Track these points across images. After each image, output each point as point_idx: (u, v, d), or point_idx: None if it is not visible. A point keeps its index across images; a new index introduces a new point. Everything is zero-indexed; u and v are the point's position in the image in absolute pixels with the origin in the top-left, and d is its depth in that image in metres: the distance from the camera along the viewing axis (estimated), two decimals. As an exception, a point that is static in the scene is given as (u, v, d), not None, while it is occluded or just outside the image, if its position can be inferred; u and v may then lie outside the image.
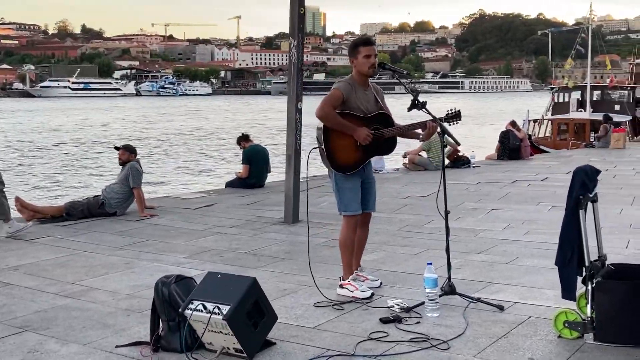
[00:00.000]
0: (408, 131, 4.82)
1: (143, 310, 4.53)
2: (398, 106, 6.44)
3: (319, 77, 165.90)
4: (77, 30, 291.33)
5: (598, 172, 4.07)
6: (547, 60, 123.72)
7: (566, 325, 3.88)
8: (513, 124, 15.89)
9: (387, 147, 4.82)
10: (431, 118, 4.66)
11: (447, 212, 4.61)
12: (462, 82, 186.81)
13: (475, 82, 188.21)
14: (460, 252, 6.14)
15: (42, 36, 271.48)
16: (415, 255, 6.08)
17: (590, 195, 3.93)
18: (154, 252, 6.45)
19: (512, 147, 15.28)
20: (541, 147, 25.04)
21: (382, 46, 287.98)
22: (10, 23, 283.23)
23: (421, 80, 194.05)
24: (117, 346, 3.94)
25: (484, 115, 59.76)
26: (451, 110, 4.82)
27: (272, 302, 4.64)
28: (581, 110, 28.38)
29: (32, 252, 6.50)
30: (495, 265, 5.68)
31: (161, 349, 3.85)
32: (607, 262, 4.05)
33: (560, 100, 30.64)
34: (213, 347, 3.79)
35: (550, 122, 28.42)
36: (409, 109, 4.61)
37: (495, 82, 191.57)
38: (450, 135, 4.66)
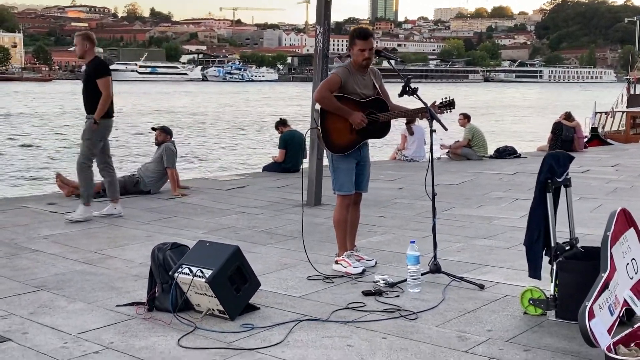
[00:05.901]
0: (402, 117, 5.21)
1: (150, 276, 5.07)
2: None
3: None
4: (146, 14, 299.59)
5: (571, 158, 4.40)
6: (633, 50, 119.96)
7: (531, 302, 4.21)
8: (568, 115, 15.86)
9: (381, 131, 5.21)
10: (423, 105, 5.04)
11: (434, 194, 4.99)
12: (540, 71, 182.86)
13: (555, 71, 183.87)
14: (466, 236, 6.50)
15: (112, 19, 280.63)
16: (422, 239, 6.41)
17: (559, 180, 4.25)
18: (175, 227, 7.03)
19: (564, 138, 15.25)
20: (608, 140, 24.67)
21: (456, 32, 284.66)
22: (80, 6, 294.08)
23: (497, 69, 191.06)
24: (117, 305, 4.51)
25: (559, 107, 58.48)
26: (445, 98, 5.19)
27: (269, 274, 5.17)
28: (661, 103, 27.81)
29: (64, 224, 7.17)
30: (495, 249, 6.00)
31: (155, 309, 4.38)
32: (578, 245, 4.36)
33: (638, 92, 30.07)
34: (200, 309, 4.30)
35: (624, 114, 27.88)
36: (400, 95, 5.02)
37: (577, 72, 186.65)
38: (439, 122, 5.02)
